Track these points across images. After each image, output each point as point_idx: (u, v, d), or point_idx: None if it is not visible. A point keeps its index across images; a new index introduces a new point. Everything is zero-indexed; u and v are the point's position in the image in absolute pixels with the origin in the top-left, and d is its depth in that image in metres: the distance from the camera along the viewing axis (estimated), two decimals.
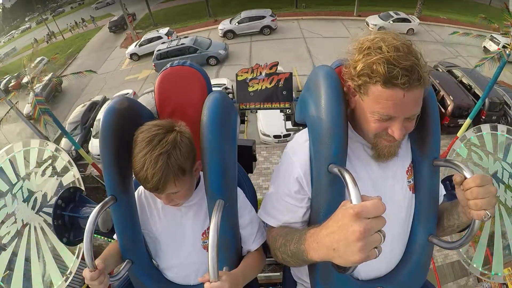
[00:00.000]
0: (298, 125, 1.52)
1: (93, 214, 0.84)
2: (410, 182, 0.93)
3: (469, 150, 1.45)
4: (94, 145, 9.30)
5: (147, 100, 9.80)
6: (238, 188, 1.00)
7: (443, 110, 9.14)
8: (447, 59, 12.21)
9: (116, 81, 12.94)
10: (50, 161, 1.45)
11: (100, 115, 9.96)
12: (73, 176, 1.44)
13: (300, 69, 11.06)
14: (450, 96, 9.30)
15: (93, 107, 11.04)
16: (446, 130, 8.86)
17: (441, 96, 9.36)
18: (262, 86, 1.66)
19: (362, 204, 0.57)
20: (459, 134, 7.33)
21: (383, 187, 0.90)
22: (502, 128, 1.44)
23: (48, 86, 12.60)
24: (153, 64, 12.90)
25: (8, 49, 19.87)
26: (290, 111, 1.68)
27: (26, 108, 10.55)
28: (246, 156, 1.47)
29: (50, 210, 1.24)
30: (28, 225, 1.36)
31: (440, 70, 11.03)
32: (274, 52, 12.67)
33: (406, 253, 0.96)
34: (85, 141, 9.94)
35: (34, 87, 8.04)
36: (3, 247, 1.32)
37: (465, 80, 9.99)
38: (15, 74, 14.09)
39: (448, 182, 1.33)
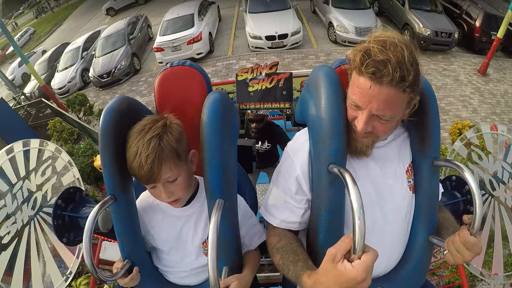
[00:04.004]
0: (298, 125, 1.52)
1: (93, 213, 0.84)
2: (410, 182, 0.93)
3: (469, 150, 1.45)
4: (57, 81, 8.93)
5: (118, 26, 9.60)
6: (239, 196, 1.00)
7: (471, 22, 7.92)
8: None
9: None
10: (50, 161, 1.45)
11: (69, 48, 9.90)
12: (73, 176, 1.44)
13: None
14: (478, 5, 7.96)
15: (64, 48, 10.66)
16: (478, 46, 7.71)
17: (465, 10, 8.23)
18: (262, 86, 1.66)
19: (348, 268, 0.60)
20: (499, 34, 6.40)
21: (382, 187, 0.90)
22: (502, 128, 1.44)
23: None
24: None
25: None
26: (290, 111, 1.68)
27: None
28: (246, 156, 1.47)
29: (50, 210, 1.24)
30: (28, 225, 1.36)
31: None
32: None
33: (406, 253, 0.96)
34: (51, 80, 9.51)
35: None
36: (3, 247, 1.32)
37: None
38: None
39: (448, 182, 1.33)
